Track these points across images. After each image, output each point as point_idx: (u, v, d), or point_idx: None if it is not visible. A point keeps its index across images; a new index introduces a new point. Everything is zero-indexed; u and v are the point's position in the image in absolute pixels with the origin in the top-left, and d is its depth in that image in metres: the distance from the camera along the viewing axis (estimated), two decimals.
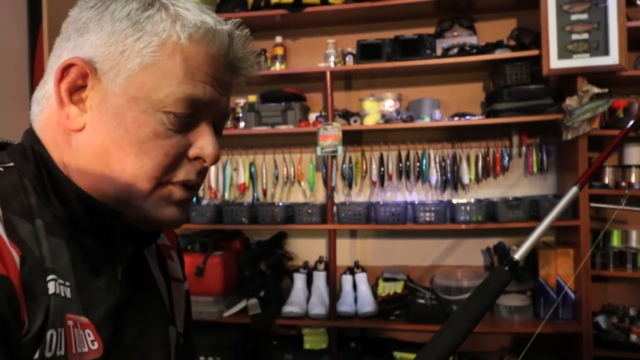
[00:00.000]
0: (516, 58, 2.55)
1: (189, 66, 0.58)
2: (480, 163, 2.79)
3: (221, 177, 3.02)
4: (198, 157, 0.62)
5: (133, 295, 0.65)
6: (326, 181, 2.81)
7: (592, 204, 2.43)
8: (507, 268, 0.76)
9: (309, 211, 2.76)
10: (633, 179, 2.54)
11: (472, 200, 2.72)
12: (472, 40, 2.73)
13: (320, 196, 3.02)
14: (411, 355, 2.60)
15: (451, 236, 2.88)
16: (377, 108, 2.75)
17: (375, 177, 2.87)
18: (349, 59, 2.76)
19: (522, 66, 2.53)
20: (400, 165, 2.87)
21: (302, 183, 3.02)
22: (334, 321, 2.68)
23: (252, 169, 3.00)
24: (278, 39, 2.93)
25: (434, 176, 2.81)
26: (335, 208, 2.76)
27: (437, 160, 2.82)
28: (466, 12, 2.80)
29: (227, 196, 3.02)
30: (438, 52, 2.70)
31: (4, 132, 0.65)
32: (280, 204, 2.82)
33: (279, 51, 2.90)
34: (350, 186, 2.94)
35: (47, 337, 0.51)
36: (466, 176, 2.79)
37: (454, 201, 2.69)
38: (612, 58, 2.33)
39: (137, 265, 0.68)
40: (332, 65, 2.78)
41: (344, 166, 2.91)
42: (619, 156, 2.64)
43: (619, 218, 2.67)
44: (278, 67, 2.87)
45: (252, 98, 2.93)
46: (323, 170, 2.85)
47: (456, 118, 2.68)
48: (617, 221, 2.67)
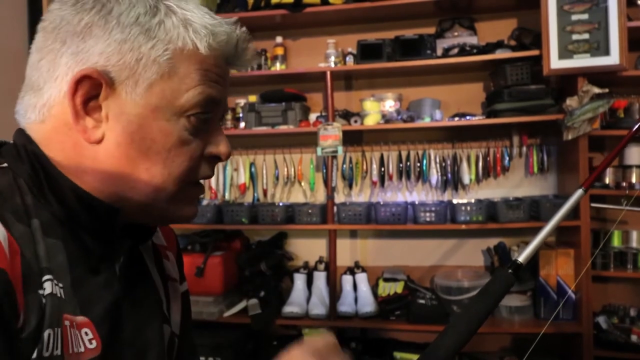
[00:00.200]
0: (517, 58, 2.54)
1: (203, 69, 0.60)
2: (480, 163, 2.79)
3: (221, 177, 3.01)
4: (214, 155, 0.65)
5: (130, 292, 0.65)
6: (326, 181, 2.81)
7: (593, 204, 2.43)
8: (511, 270, 0.76)
9: (309, 211, 2.76)
10: (634, 179, 2.53)
11: (473, 200, 2.72)
12: (473, 40, 2.72)
13: (320, 196, 3.02)
14: (411, 355, 2.60)
15: (451, 236, 2.88)
16: (378, 108, 2.75)
17: (375, 177, 2.87)
18: (349, 59, 2.76)
19: (523, 66, 2.53)
20: (400, 165, 2.86)
21: (303, 183, 3.02)
22: (334, 321, 2.68)
23: (253, 169, 3.00)
24: (278, 39, 2.92)
25: (435, 176, 2.81)
26: (335, 208, 2.76)
27: (438, 160, 2.82)
28: (466, 12, 2.80)
29: (228, 196, 3.02)
30: (438, 52, 2.70)
31: (4, 133, 0.64)
32: (280, 204, 2.82)
33: (279, 51, 2.89)
34: (350, 186, 2.94)
35: (45, 337, 0.51)
36: (466, 176, 2.79)
37: (455, 201, 2.69)
38: (613, 58, 2.33)
39: (135, 262, 0.68)
40: (333, 65, 2.78)
41: (344, 166, 2.90)
42: (620, 156, 2.63)
43: (620, 218, 2.67)
44: (278, 67, 2.86)
45: (253, 98, 2.93)
46: (323, 170, 2.85)
47: (456, 118, 2.68)
48: (618, 221, 2.67)
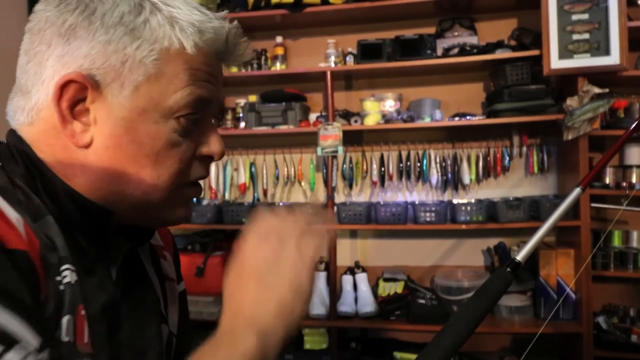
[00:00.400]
0: (517, 58, 2.54)
1: (192, 68, 0.58)
2: (480, 163, 2.79)
3: (222, 177, 3.01)
4: (207, 155, 0.63)
5: (128, 292, 0.64)
6: (326, 181, 2.81)
7: (593, 204, 2.43)
8: (509, 269, 0.76)
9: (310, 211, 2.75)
10: (634, 179, 2.53)
11: (473, 200, 2.72)
12: (473, 40, 2.72)
13: (320, 196, 3.02)
14: (411, 355, 2.60)
15: (452, 236, 2.88)
16: (378, 108, 2.75)
17: (375, 177, 2.87)
18: (350, 59, 2.76)
19: (523, 66, 2.53)
20: (400, 165, 2.86)
21: (303, 183, 3.02)
22: (334, 321, 2.68)
23: (253, 169, 3.00)
24: (278, 39, 2.92)
25: (435, 176, 2.81)
26: (335, 208, 2.76)
27: (438, 160, 2.82)
28: (467, 12, 2.80)
29: (228, 196, 3.02)
30: (438, 52, 2.70)
31: (4, 133, 0.64)
32: (280, 204, 2.81)
33: (280, 51, 2.90)
34: (350, 186, 2.94)
35: (64, 322, 0.51)
36: (467, 176, 2.79)
37: (455, 201, 2.69)
38: (613, 58, 2.33)
39: (132, 263, 0.68)
40: (333, 65, 2.78)
41: (345, 166, 2.90)
42: (620, 156, 2.63)
43: (620, 218, 2.66)
44: (278, 67, 2.86)
45: (253, 98, 2.93)
46: (323, 170, 2.85)
47: (457, 118, 2.68)
48: (618, 221, 2.66)
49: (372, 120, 2.72)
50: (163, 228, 0.81)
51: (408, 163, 2.86)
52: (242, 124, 2.85)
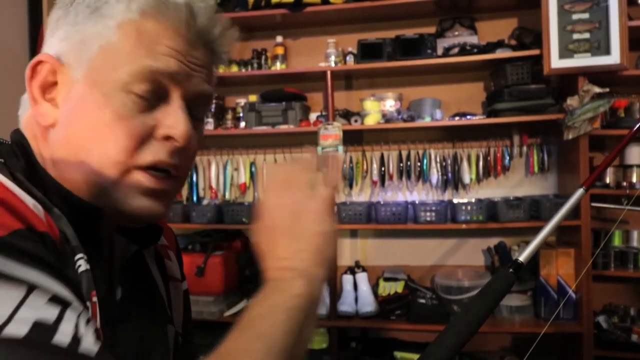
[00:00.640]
0: (517, 58, 2.54)
1: (147, 41, 0.56)
2: (481, 163, 2.79)
3: (222, 177, 3.02)
4: (169, 137, 0.58)
5: (133, 293, 0.64)
6: None
7: (594, 204, 2.43)
8: (512, 270, 0.76)
9: None
10: (634, 179, 2.53)
11: (473, 200, 2.72)
12: (473, 39, 2.72)
13: None
14: (412, 355, 2.60)
15: (452, 236, 2.88)
16: (378, 108, 2.75)
17: (375, 177, 2.87)
18: (350, 59, 2.76)
19: (523, 66, 2.53)
20: (400, 165, 2.86)
21: None
22: (335, 321, 2.68)
23: (253, 169, 3.00)
24: (279, 39, 2.92)
25: (435, 176, 2.81)
26: (335, 208, 2.76)
27: (438, 160, 2.82)
28: (467, 12, 2.80)
29: (228, 196, 3.02)
30: (439, 52, 2.70)
31: (5, 133, 0.64)
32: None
33: (280, 51, 2.89)
34: (350, 186, 2.94)
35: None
36: (467, 176, 2.79)
37: (455, 201, 2.69)
38: (614, 58, 2.33)
39: (137, 264, 0.68)
40: (333, 64, 2.78)
41: (345, 166, 2.90)
42: (620, 156, 2.63)
43: (621, 218, 2.67)
44: (279, 67, 2.86)
45: (253, 98, 2.93)
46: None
47: (457, 118, 2.68)
48: (619, 221, 2.66)
49: (372, 119, 2.72)
50: (165, 225, 0.81)
51: (408, 163, 2.86)
52: (242, 124, 2.85)
